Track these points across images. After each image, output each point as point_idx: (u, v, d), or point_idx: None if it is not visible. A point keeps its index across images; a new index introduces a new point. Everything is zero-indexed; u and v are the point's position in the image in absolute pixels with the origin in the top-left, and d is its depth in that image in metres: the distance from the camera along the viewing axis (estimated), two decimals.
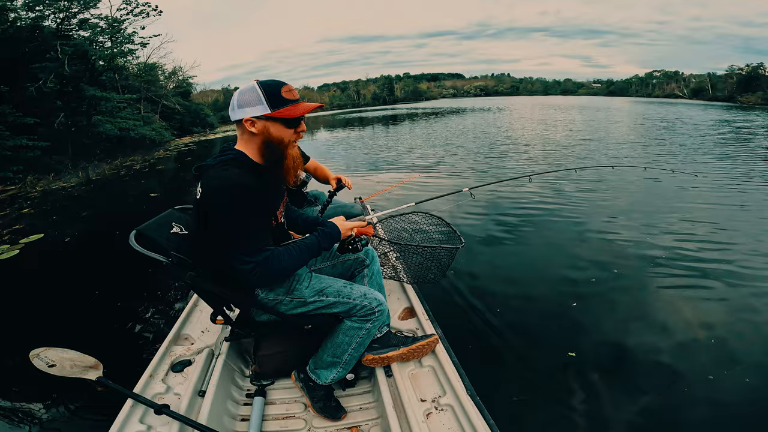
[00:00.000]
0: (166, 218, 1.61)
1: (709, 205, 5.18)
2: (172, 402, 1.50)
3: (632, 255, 3.65)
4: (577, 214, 4.94)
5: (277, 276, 1.36)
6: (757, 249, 3.69)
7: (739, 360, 2.29)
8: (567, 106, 36.79)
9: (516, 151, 10.20)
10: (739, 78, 51.40)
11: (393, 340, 1.69)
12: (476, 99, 75.66)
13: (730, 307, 2.82)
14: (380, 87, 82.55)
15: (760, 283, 3.06)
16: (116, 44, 17.66)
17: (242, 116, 1.28)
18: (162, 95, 24.99)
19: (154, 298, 3.43)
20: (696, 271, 3.31)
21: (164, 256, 1.46)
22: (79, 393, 2.16)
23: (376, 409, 1.65)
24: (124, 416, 1.39)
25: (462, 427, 1.38)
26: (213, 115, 33.19)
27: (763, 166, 7.48)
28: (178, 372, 1.71)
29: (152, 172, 11.58)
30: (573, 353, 2.37)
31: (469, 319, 2.78)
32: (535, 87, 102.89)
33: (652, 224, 4.47)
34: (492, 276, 3.42)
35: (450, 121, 22.03)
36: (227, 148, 1.37)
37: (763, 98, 43.53)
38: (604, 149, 10.14)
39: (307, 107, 1.35)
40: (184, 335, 1.99)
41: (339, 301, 1.52)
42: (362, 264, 1.83)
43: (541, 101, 51.58)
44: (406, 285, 2.23)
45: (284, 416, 1.65)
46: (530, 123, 19.25)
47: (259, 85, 1.29)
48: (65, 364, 1.47)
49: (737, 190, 5.89)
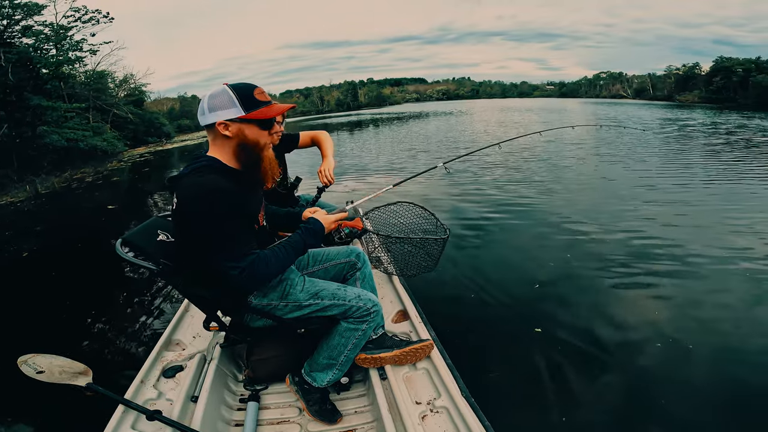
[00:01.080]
0: (152, 226, 1.57)
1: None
2: (164, 408, 1.48)
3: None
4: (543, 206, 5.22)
5: (265, 279, 1.34)
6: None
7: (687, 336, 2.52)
8: (524, 108, 38.30)
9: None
10: (677, 78, 54.56)
11: (388, 342, 1.70)
12: (439, 103, 76.84)
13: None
14: (344, 93, 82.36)
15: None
16: (62, 52, 16.88)
17: (215, 120, 1.25)
18: (113, 104, 23.81)
19: (142, 305, 3.39)
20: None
21: (153, 264, 1.43)
22: (68, 400, 2.11)
23: (371, 413, 1.65)
24: (115, 422, 1.37)
25: (457, 428, 1.38)
26: (169, 124, 31.97)
27: (706, 162, 7.98)
28: (169, 377, 1.69)
29: (107, 184, 11.28)
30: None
31: (461, 319, 2.82)
32: (494, 90, 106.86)
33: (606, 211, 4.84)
34: (478, 269, 3.52)
35: (415, 126, 22.13)
36: (199, 156, 1.34)
37: (699, 97, 46.63)
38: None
39: (281, 108, 1.36)
40: (175, 340, 1.97)
41: (334, 304, 1.52)
42: (354, 267, 1.84)
43: (500, 104, 52.89)
44: (398, 288, 2.23)
45: (279, 421, 1.64)
46: (492, 126, 19.64)
47: (230, 88, 1.27)
48: (54, 370, 1.44)
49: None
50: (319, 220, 1.51)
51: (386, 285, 2.33)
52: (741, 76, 43.21)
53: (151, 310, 3.28)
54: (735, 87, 43.66)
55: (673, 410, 1.99)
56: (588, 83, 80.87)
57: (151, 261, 1.43)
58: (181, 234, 1.34)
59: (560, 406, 2.06)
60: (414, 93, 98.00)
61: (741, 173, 6.96)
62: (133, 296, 3.59)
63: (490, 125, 19.63)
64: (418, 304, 2.10)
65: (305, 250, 1.44)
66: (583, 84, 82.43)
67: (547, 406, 2.06)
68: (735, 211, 4.85)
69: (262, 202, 1.52)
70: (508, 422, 1.91)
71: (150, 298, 3.48)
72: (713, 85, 45.95)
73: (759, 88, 39.87)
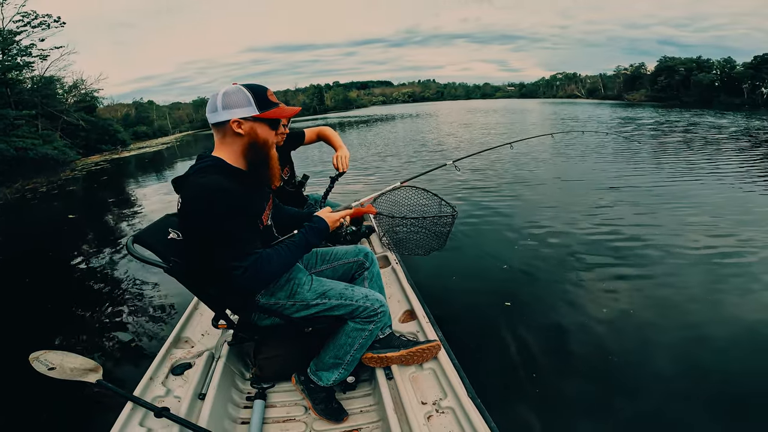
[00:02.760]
0: (163, 224, 1.57)
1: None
2: (172, 405, 1.49)
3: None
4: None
5: (268, 278, 1.35)
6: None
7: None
8: (489, 108, 38.88)
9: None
10: (625, 77, 57.90)
11: (395, 342, 1.69)
12: (405, 105, 77.81)
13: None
14: (310, 96, 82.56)
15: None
16: (9, 57, 16.39)
17: (229, 117, 1.27)
18: (63, 110, 23.01)
19: (152, 303, 3.43)
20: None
21: (164, 262, 1.43)
22: (79, 396, 2.15)
23: (377, 412, 1.65)
24: (124, 419, 1.38)
25: (463, 429, 1.37)
26: (124, 132, 31.02)
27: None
28: (178, 375, 1.70)
29: (63, 194, 10.97)
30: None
31: (469, 319, 2.80)
32: (458, 92, 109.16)
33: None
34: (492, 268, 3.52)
35: (383, 129, 21.98)
36: (204, 156, 1.35)
37: (645, 95, 49.57)
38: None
39: (293, 110, 1.41)
40: (184, 338, 1.99)
41: (341, 304, 1.52)
42: (362, 266, 1.83)
43: (464, 105, 53.28)
44: (406, 287, 2.22)
45: (285, 419, 1.65)
46: (458, 128, 19.67)
47: (245, 88, 1.30)
48: (65, 367, 1.46)
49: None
50: (323, 218, 1.51)
51: (394, 284, 2.33)
52: (683, 75, 46.33)
53: (160, 308, 3.32)
54: (678, 85, 46.59)
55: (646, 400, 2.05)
56: (546, 84, 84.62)
57: (162, 259, 1.45)
58: (186, 233, 1.35)
59: (563, 406, 2.04)
60: (380, 96, 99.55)
61: (701, 169, 7.32)
62: (143, 294, 3.64)
63: (454, 127, 19.88)
64: (425, 304, 2.09)
65: (309, 248, 1.45)
66: (541, 85, 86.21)
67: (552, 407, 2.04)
68: (693, 206, 5.09)
69: (267, 202, 1.53)
70: (514, 423, 1.90)
71: (160, 295, 3.52)
72: (658, 84, 48.91)
73: (700, 87, 43.28)
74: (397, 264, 2.52)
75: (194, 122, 56.46)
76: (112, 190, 11.13)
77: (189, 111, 60.86)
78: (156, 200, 8.22)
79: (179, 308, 3.15)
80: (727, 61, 45.14)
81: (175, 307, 3.26)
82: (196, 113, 59.62)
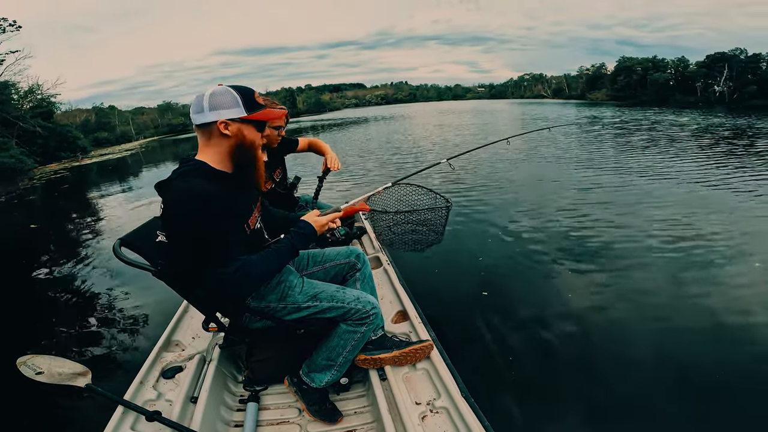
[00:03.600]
0: (151, 227, 1.55)
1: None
2: (163, 408, 1.48)
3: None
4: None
5: (252, 285, 1.33)
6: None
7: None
8: (461, 110, 39.58)
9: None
10: (588, 77, 60.67)
11: (387, 342, 1.70)
12: (378, 107, 78.16)
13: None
14: (281, 100, 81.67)
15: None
16: None
17: (216, 118, 1.24)
18: (18, 116, 21.99)
19: (141, 306, 3.38)
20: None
21: (151, 265, 1.41)
22: (68, 401, 2.11)
23: (371, 413, 1.65)
24: (114, 423, 1.36)
25: (457, 429, 1.38)
26: (84, 138, 29.44)
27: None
28: (169, 378, 1.68)
29: (23, 204, 10.80)
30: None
31: (461, 319, 2.82)
32: (430, 93, 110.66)
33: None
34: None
35: (356, 133, 21.75)
36: (187, 159, 1.32)
37: (606, 94, 52.16)
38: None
39: (280, 112, 1.45)
40: (174, 341, 1.97)
41: (333, 306, 1.52)
42: (354, 268, 1.83)
43: (437, 107, 54.11)
44: (398, 288, 2.23)
45: (279, 421, 1.64)
46: (433, 130, 19.81)
47: (232, 89, 1.27)
48: (53, 371, 1.43)
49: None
50: (310, 222, 1.47)
51: (386, 285, 2.33)
52: (640, 75, 48.48)
53: (150, 311, 3.27)
54: (636, 85, 48.82)
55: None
56: (514, 85, 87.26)
57: (150, 261, 1.43)
58: (170, 237, 1.33)
59: (561, 405, 2.07)
60: (353, 98, 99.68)
61: (666, 167, 7.72)
62: (131, 297, 3.58)
63: (429, 129, 19.98)
64: (417, 304, 2.10)
65: (296, 254, 1.42)
66: (510, 86, 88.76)
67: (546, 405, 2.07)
68: (658, 201, 5.36)
69: (254, 205, 1.49)
70: (508, 422, 1.92)
71: (149, 298, 3.46)
72: (618, 84, 51.07)
73: (656, 85, 45.42)
74: (389, 265, 2.52)
75: (160, 127, 53.31)
76: (73, 200, 10.76)
77: (154, 116, 57.25)
78: (119, 208, 8.07)
79: (168, 311, 3.08)
80: (681, 61, 47.29)
81: (164, 310, 3.20)
82: (161, 118, 56.63)
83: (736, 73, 39.46)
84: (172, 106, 61.54)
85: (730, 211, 4.87)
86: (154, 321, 3.10)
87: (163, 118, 56.62)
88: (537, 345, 2.54)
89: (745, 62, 40.04)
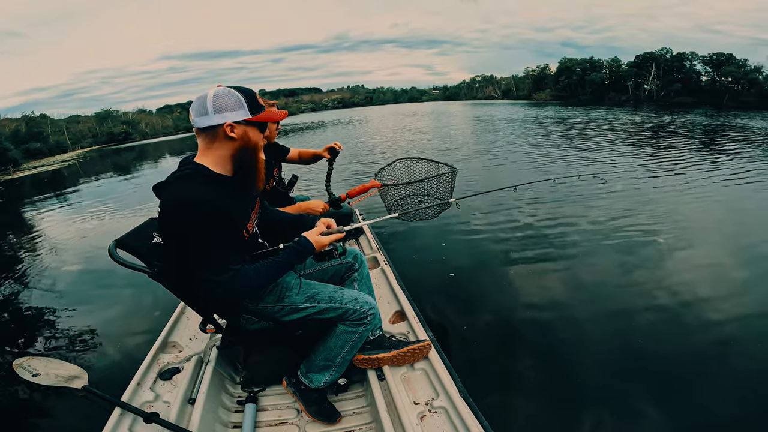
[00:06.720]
0: (147, 228, 1.53)
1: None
2: (161, 410, 1.48)
3: None
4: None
5: (244, 295, 1.32)
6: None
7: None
8: (419, 112, 39.68)
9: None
10: (533, 78, 63.82)
11: (385, 343, 1.70)
12: (334, 111, 77.64)
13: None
14: None
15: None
16: None
17: (222, 121, 1.22)
18: None
19: (137, 307, 3.36)
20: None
21: (147, 267, 1.40)
22: (65, 403, 2.10)
23: (369, 413, 1.65)
24: (112, 425, 1.36)
25: (456, 428, 1.39)
26: (15, 149, 28.12)
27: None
28: (166, 380, 1.68)
29: None
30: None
31: (459, 319, 2.82)
32: (387, 96, 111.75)
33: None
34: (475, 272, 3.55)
35: (316, 138, 20.70)
36: (187, 162, 1.30)
37: (549, 95, 54.92)
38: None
39: (283, 113, 1.45)
40: (171, 342, 1.96)
41: (331, 307, 1.52)
42: (351, 268, 1.83)
43: (393, 110, 53.99)
44: (396, 288, 2.23)
45: (277, 422, 1.64)
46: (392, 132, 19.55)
47: (235, 90, 1.26)
48: (50, 373, 1.43)
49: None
50: (311, 241, 1.42)
51: (384, 286, 2.34)
52: (579, 75, 51.67)
53: (146, 312, 3.25)
54: (575, 85, 52.03)
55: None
56: (467, 86, 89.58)
57: (146, 263, 1.42)
58: (166, 240, 1.32)
59: (561, 405, 2.07)
60: (309, 103, 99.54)
61: (612, 162, 8.24)
62: (128, 298, 3.56)
63: (386, 134, 19.16)
64: (415, 304, 2.10)
65: (291, 268, 1.40)
66: (463, 87, 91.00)
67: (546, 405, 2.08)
68: (609, 197, 5.66)
69: (252, 209, 1.48)
70: (506, 421, 1.92)
71: (145, 299, 3.44)
72: (560, 84, 54.29)
73: (593, 85, 48.67)
74: (387, 265, 2.53)
75: (99, 136, 50.66)
76: (8, 215, 10.08)
77: (92, 124, 53.80)
78: (59, 222, 7.58)
79: (165, 312, 3.08)
80: (614, 61, 49.97)
81: (161, 311, 3.19)
82: (100, 126, 53.45)
83: (663, 72, 42.52)
84: (112, 114, 59.28)
85: (648, 200, 5.44)
86: (151, 322, 3.07)
87: (102, 127, 53.88)
88: (537, 345, 2.54)
89: (671, 61, 42.90)
